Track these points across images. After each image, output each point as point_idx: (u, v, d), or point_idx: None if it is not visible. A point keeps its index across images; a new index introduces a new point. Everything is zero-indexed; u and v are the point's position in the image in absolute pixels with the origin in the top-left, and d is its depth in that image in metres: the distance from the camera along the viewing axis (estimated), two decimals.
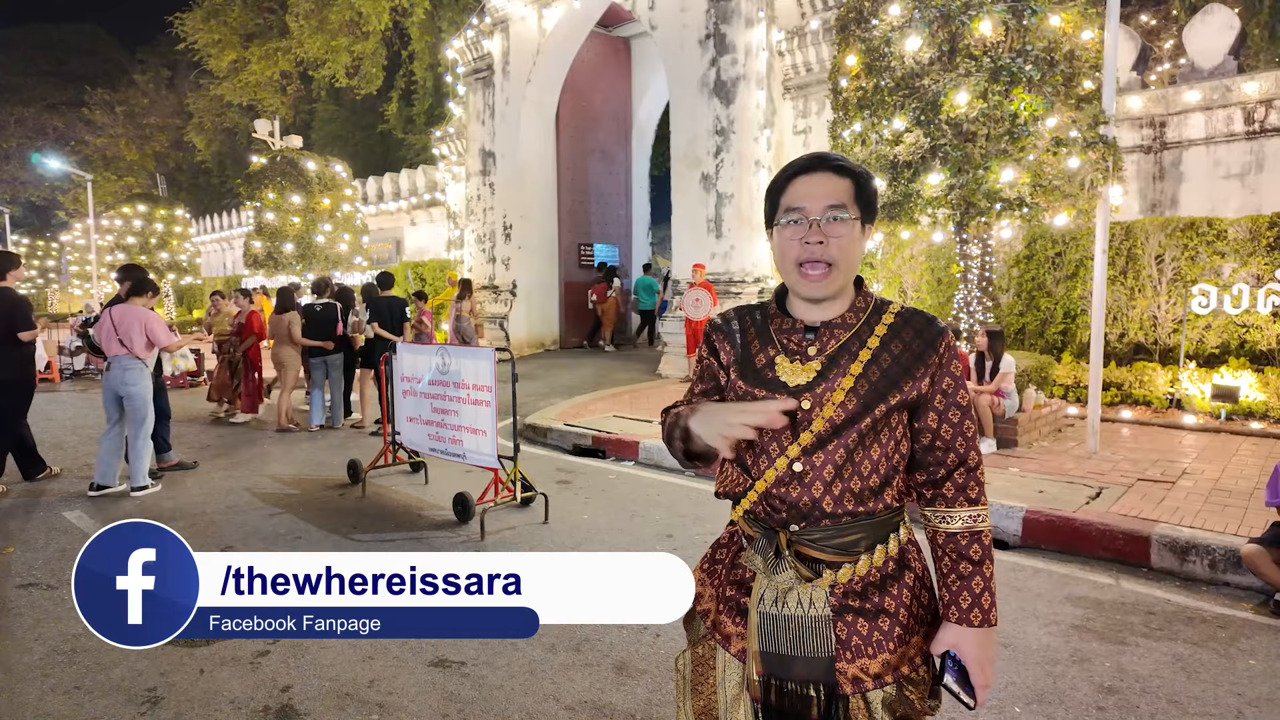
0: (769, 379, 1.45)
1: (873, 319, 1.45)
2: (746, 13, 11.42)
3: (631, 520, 5.27)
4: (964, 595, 1.41)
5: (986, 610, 1.40)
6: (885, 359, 1.42)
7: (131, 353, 6.02)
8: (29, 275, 40.27)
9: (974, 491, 1.43)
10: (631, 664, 3.23)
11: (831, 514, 1.40)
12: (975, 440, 1.45)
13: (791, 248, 1.42)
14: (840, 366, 1.41)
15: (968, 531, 1.42)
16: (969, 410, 1.45)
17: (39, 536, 5.02)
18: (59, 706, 2.94)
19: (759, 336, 1.51)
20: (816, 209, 1.41)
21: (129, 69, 40.46)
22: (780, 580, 1.42)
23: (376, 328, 8.92)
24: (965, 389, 1.47)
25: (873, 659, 1.39)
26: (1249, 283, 8.00)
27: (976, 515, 1.42)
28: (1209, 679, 3.10)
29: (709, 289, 10.88)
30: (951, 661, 1.42)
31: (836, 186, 1.42)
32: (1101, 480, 5.64)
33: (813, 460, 1.39)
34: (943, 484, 1.44)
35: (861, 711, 1.40)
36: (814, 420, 1.39)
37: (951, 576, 1.42)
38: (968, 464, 1.44)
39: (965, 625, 1.40)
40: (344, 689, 3.05)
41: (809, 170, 1.44)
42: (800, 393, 1.41)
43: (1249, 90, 8.54)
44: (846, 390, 1.39)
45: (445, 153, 18.31)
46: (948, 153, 6.62)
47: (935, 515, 1.45)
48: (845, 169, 1.43)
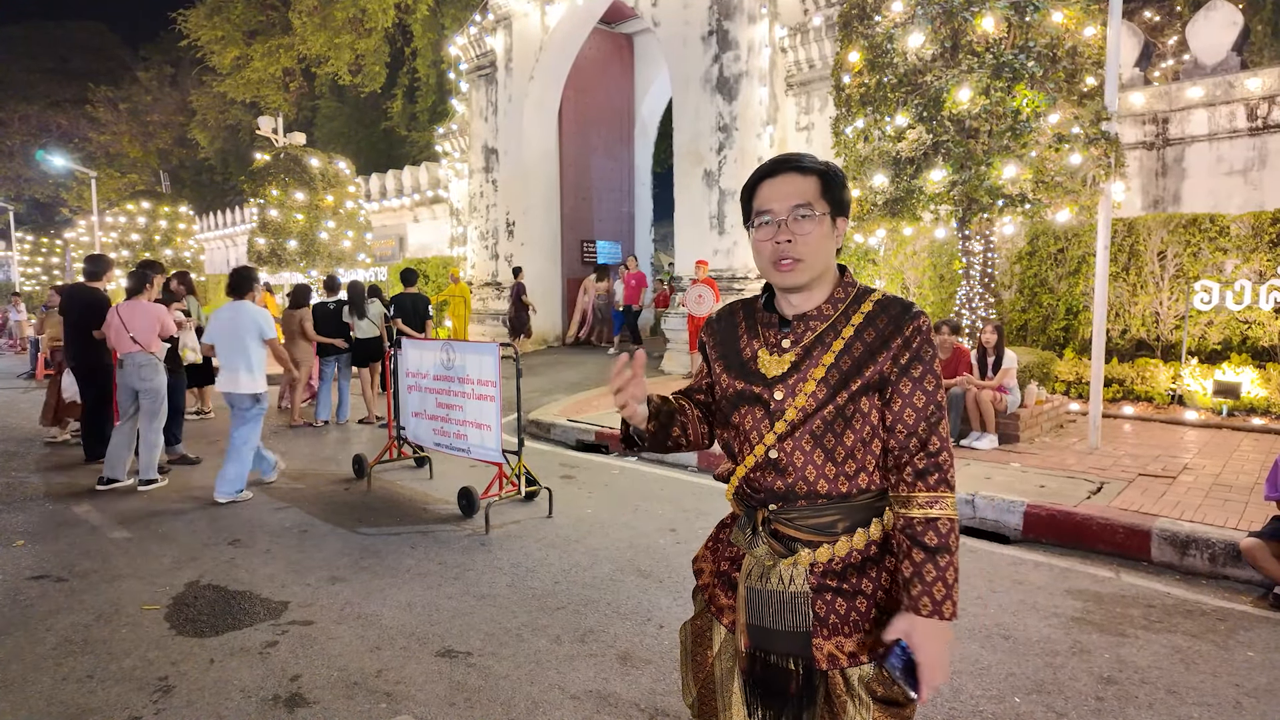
0: (751, 371, 1.51)
1: (850, 309, 1.49)
2: (749, 9, 11.43)
3: (635, 514, 5.31)
4: (914, 583, 1.38)
5: (938, 601, 1.37)
6: (857, 347, 1.45)
7: (147, 350, 6.11)
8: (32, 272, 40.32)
9: (933, 478, 1.41)
10: (636, 654, 3.26)
11: (806, 495, 1.45)
12: (941, 427, 1.44)
13: (765, 248, 1.48)
14: (813, 358, 1.46)
15: (924, 519, 1.40)
16: (935, 396, 1.44)
17: (49, 529, 5.06)
18: (73, 695, 2.98)
19: (748, 330, 1.58)
20: (783, 210, 1.46)
21: (132, 66, 40.51)
22: (757, 553, 1.49)
23: (400, 324, 8.96)
24: (936, 377, 1.46)
25: (848, 638, 1.43)
26: (1251, 279, 8.01)
27: (933, 500, 1.40)
28: (1208, 670, 3.13)
29: (712, 285, 10.90)
30: (900, 650, 1.40)
31: (801, 186, 1.46)
32: (1103, 475, 5.67)
33: (785, 447, 1.45)
34: (904, 469, 1.43)
35: (840, 687, 1.44)
36: (786, 410, 1.45)
37: (904, 563, 1.41)
38: (928, 449, 1.42)
39: (913, 614, 1.38)
40: (352, 678, 3.09)
41: (773, 173, 1.49)
42: (774, 384, 1.47)
43: (1252, 86, 8.54)
44: (818, 380, 1.44)
45: (448, 149, 18.34)
46: (950, 149, 6.64)
47: (895, 500, 1.45)
48: (808, 168, 1.48)
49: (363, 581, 4.11)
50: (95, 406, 7.03)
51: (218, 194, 37.01)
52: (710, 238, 12.12)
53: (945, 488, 1.42)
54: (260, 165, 16.95)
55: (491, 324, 15.73)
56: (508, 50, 15.43)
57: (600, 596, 3.89)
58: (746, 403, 1.51)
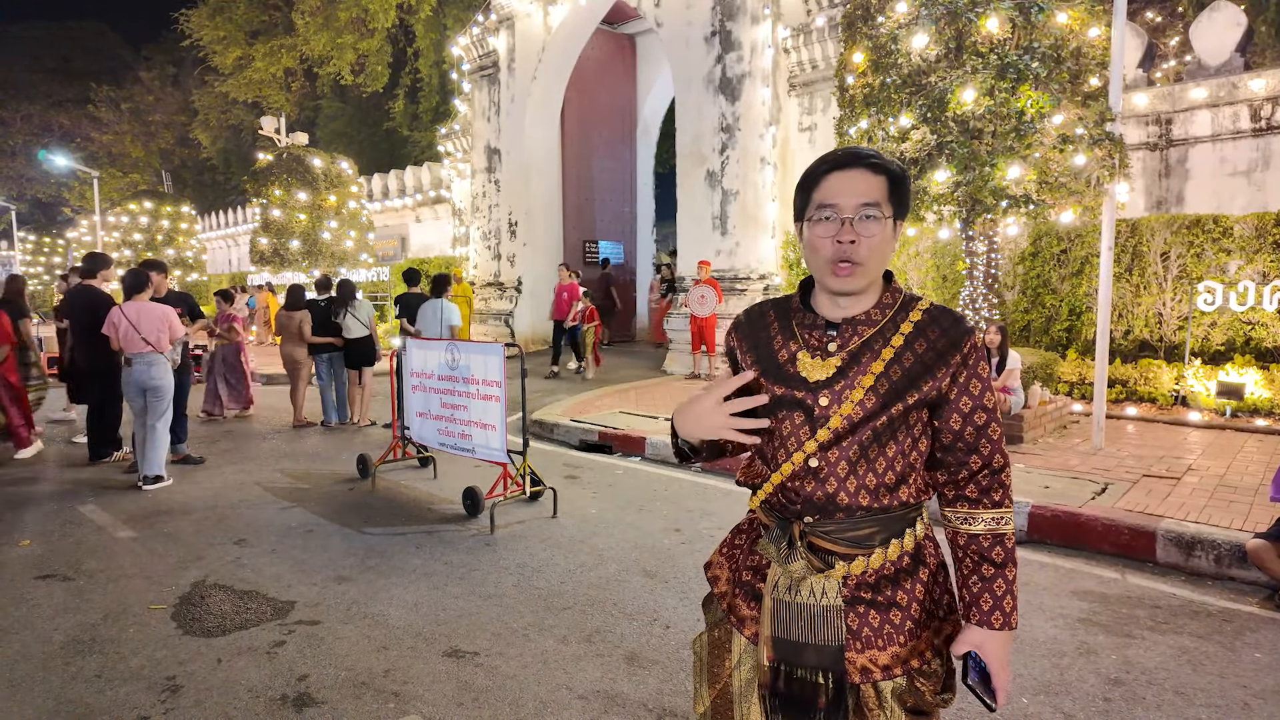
0: (790, 374, 1.44)
1: (899, 316, 1.43)
2: (752, 10, 11.43)
3: (639, 514, 5.31)
4: (985, 598, 1.40)
5: (1008, 613, 1.40)
6: (908, 357, 1.39)
7: (157, 349, 6.15)
8: (34, 272, 40.37)
9: (998, 494, 1.42)
10: (643, 655, 3.27)
11: (846, 508, 1.40)
12: (1000, 442, 1.43)
13: (823, 245, 1.39)
14: (861, 364, 1.39)
15: (990, 534, 1.41)
16: (994, 412, 1.43)
17: (54, 529, 5.07)
18: (81, 694, 2.99)
19: (782, 332, 1.50)
20: (849, 207, 1.37)
21: (134, 66, 40.56)
22: (793, 569, 1.43)
23: (405, 324, 8.95)
24: (991, 391, 1.43)
25: (882, 650, 1.40)
26: (1255, 280, 8.01)
27: (999, 518, 1.41)
28: (1215, 671, 3.13)
29: (714, 286, 10.90)
30: (974, 662, 1.42)
31: (870, 184, 1.38)
32: (1107, 476, 5.67)
33: (828, 456, 1.39)
34: (965, 485, 1.42)
35: (872, 700, 1.40)
36: (831, 417, 1.38)
37: (974, 578, 1.41)
38: (992, 466, 1.42)
39: (987, 628, 1.40)
40: (360, 678, 3.09)
41: (843, 167, 1.40)
42: (819, 389, 1.40)
43: (1255, 87, 8.54)
44: (866, 389, 1.38)
45: (450, 150, 18.35)
46: (954, 150, 6.64)
47: (956, 516, 1.44)
48: (880, 166, 1.40)
49: (369, 581, 4.12)
50: (100, 407, 7.04)
51: (220, 194, 37.06)
52: (713, 238, 12.13)
53: (1009, 503, 1.44)
54: (262, 165, 16.97)
55: (494, 324, 15.74)
56: (510, 50, 15.44)
57: (606, 596, 3.89)
58: (785, 407, 1.43)
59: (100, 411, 7.04)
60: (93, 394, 7.05)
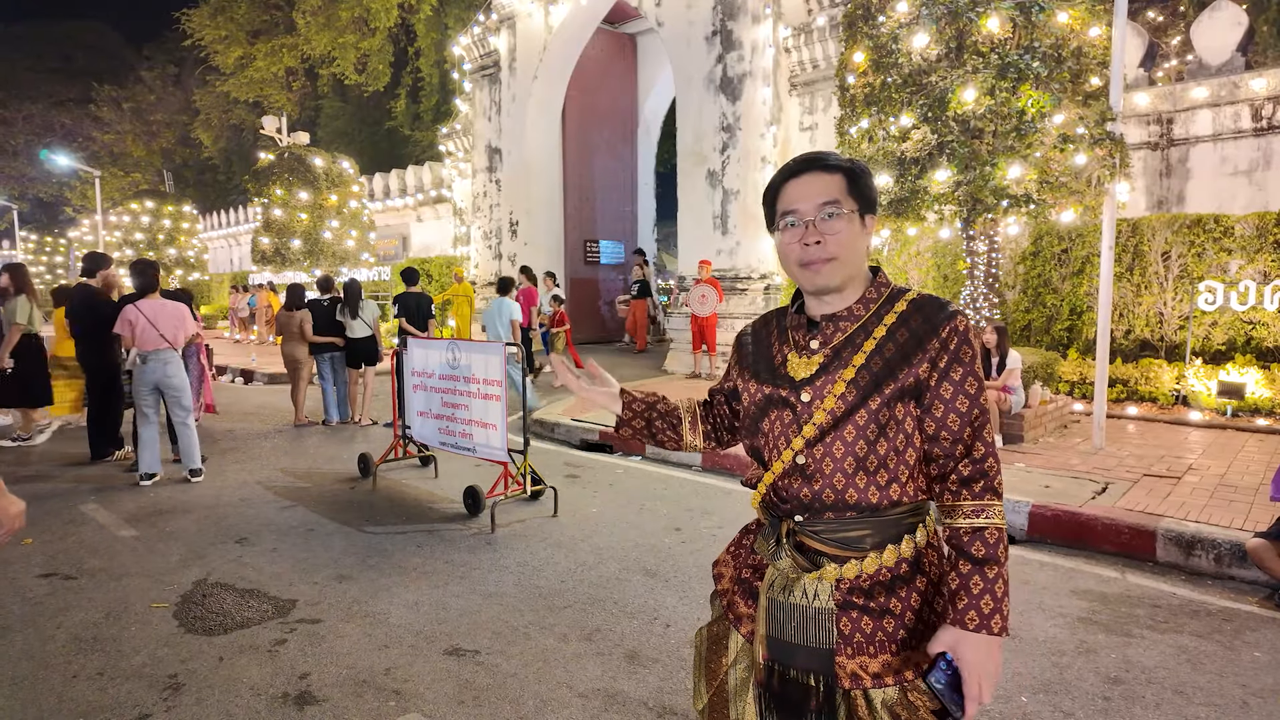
0: (780, 375, 1.47)
1: (883, 309, 1.44)
2: (753, 9, 11.44)
3: (640, 513, 5.32)
4: (960, 595, 1.32)
5: (986, 616, 1.30)
6: (889, 348, 1.39)
7: (174, 346, 6.23)
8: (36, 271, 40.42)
9: (978, 485, 1.35)
10: (643, 653, 3.27)
11: (834, 506, 1.39)
12: (986, 432, 1.39)
13: (792, 250, 1.44)
14: (842, 358, 1.40)
15: (969, 528, 1.34)
16: (978, 399, 1.38)
17: (56, 527, 5.08)
18: (84, 692, 3.00)
19: (779, 336, 1.54)
20: (810, 209, 1.41)
21: (136, 66, 40.60)
22: (780, 566, 1.44)
23: (404, 323, 8.96)
24: (978, 379, 1.39)
25: (873, 658, 1.37)
26: (1256, 279, 8.01)
27: (979, 509, 1.34)
28: (1214, 670, 3.13)
29: (715, 285, 10.91)
30: (944, 664, 1.33)
31: (827, 184, 1.42)
32: (1107, 475, 5.67)
33: (814, 454, 1.39)
34: (948, 477, 1.38)
35: (863, 709, 1.37)
36: (815, 413, 1.39)
37: (950, 574, 1.36)
38: (973, 455, 1.36)
39: (960, 628, 1.32)
40: (361, 676, 3.10)
41: (799, 173, 1.45)
42: (802, 386, 1.42)
43: (1256, 87, 8.54)
44: (847, 382, 1.38)
45: (451, 149, 18.37)
46: (955, 149, 6.64)
47: (941, 510, 1.40)
48: (835, 165, 1.43)
49: (370, 580, 4.13)
50: (102, 405, 7.05)
51: (221, 193, 37.10)
52: (714, 238, 12.13)
53: (992, 495, 1.36)
54: (264, 164, 16.98)
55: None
56: (511, 50, 15.45)
57: (607, 595, 3.90)
58: (774, 406, 1.46)
59: (101, 409, 7.05)
60: (95, 392, 7.06)
